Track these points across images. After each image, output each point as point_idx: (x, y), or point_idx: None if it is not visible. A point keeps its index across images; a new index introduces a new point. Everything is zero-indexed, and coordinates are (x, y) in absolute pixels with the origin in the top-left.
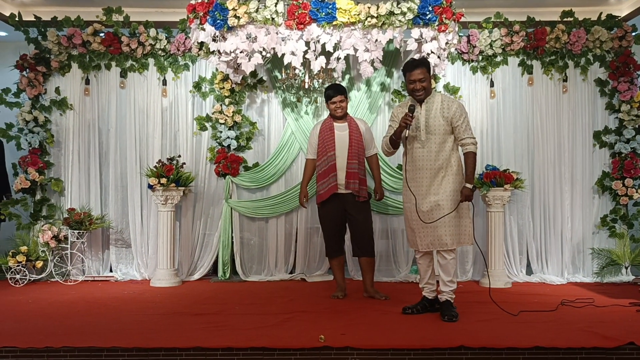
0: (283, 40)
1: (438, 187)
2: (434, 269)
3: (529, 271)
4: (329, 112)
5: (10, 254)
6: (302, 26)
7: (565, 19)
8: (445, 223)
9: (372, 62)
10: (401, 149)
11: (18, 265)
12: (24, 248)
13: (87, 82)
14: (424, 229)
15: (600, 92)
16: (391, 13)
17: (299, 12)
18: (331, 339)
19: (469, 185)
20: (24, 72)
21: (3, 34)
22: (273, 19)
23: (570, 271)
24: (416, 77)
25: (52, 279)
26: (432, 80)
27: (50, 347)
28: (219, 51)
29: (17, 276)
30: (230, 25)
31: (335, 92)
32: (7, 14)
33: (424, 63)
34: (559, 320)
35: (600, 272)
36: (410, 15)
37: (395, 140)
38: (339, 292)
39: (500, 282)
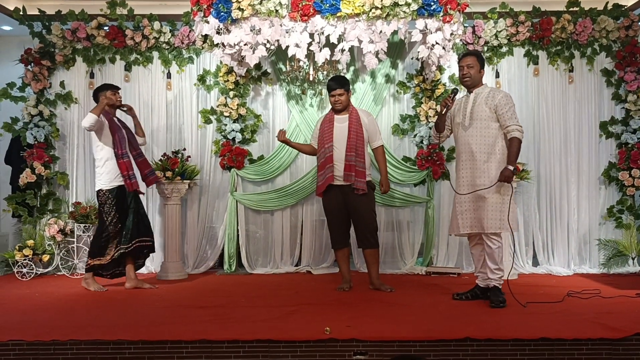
0: (287, 32)
1: (480, 171)
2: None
3: (535, 262)
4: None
5: (17, 247)
6: (306, 18)
7: (571, 9)
8: (486, 207)
9: (376, 54)
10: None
11: (25, 259)
12: (30, 242)
13: (92, 75)
14: (467, 212)
15: (606, 82)
16: (395, 4)
17: (303, 3)
18: (337, 331)
19: (510, 167)
20: (29, 66)
21: (7, 28)
22: (277, 10)
23: (577, 262)
24: (465, 63)
25: (59, 273)
26: (438, 72)
27: (56, 340)
28: (223, 44)
29: (24, 270)
30: (234, 18)
31: (336, 85)
32: (12, 8)
33: (475, 54)
34: (565, 312)
35: (606, 263)
36: (414, 6)
37: (438, 124)
38: (345, 284)
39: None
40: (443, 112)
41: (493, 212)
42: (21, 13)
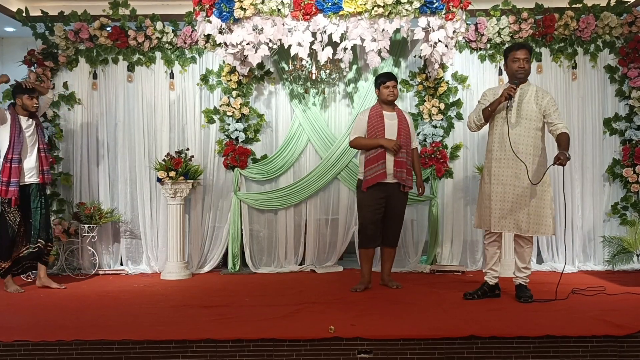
0: (289, 32)
1: (526, 172)
2: (500, 256)
3: (540, 260)
4: (377, 99)
5: None
6: (308, 17)
7: (574, 5)
8: (527, 209)
9: (379, 52)
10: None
11: None
12: None
13: (95, 76)
14: (503, 210)
15: (610, 78)
16: (398, 2)
17: (305, 2)
18: (341, 329)
19: (566, 153)
20: (32, 68)
21: (10, 29)
22: (279, 10)
23: (581, 259)
24: (522, 56)
25: (64, 273)
26: (441, 69)
27: (62, 341)
28: (225, 43)
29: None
30: (237, 17)
31: (389, 78)
32: (15, 10)
33: (529, 47)
34: (569, 309)
35: (611, 260)
36: (417, 4)
37: (490, 112)
38: (361, 285)
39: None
40: (505, 103)
41: (534, 216)
42: (24, 14)
